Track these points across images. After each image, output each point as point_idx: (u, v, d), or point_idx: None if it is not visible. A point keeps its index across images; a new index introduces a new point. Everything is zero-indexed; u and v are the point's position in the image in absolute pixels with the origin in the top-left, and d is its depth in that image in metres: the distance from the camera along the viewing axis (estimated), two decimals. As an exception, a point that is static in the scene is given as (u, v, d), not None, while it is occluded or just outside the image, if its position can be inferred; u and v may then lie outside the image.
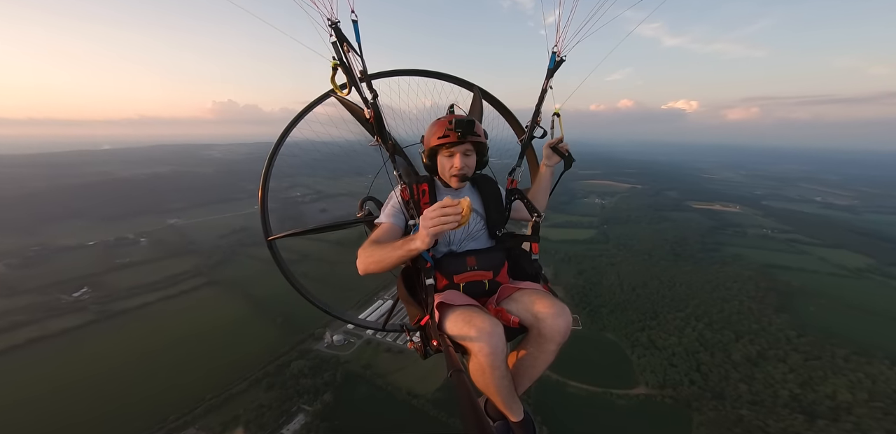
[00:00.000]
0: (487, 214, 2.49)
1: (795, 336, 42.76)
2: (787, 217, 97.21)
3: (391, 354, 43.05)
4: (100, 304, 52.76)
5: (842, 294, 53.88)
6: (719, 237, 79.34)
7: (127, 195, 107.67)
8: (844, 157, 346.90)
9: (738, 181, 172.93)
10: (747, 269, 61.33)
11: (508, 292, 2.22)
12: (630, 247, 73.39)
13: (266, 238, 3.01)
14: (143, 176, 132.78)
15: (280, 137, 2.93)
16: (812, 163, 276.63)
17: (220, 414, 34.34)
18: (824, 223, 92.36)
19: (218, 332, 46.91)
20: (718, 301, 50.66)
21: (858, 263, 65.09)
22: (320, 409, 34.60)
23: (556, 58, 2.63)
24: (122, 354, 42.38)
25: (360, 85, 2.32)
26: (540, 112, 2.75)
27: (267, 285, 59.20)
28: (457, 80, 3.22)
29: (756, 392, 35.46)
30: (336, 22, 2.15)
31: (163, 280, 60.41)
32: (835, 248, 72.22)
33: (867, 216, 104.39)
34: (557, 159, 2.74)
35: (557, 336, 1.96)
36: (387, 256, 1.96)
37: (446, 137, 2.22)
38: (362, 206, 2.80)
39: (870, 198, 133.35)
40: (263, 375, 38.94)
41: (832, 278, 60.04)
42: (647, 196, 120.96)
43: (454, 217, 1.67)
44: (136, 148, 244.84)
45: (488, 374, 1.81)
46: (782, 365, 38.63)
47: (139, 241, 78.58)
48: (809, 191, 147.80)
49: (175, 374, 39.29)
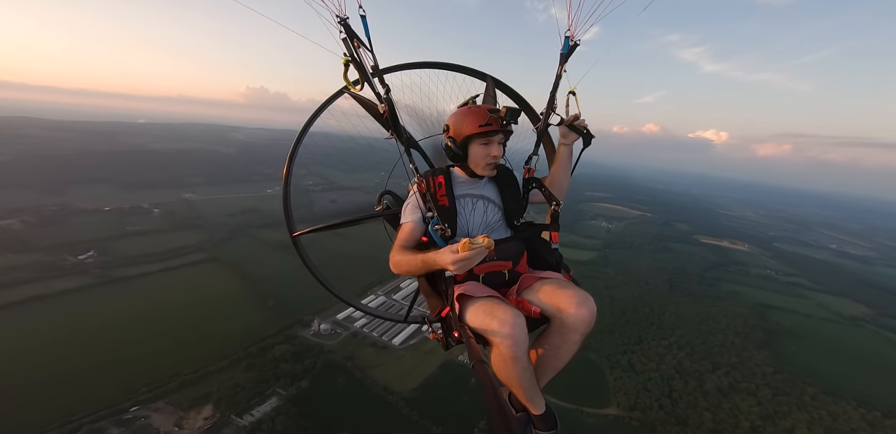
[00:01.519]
0: (505, 205, 2.46)
1: (771, 372, 43.20)
2: (795, 261, 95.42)
3: (375, 349, 44.10)
4: (101, 269, 55.12)
5: (828, 338, 53.91)
6: (720, 273, 78.64)
7: (151, 166, 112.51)
8: (872, 207, 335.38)
9: (754, 220, 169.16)
10: (740, 306, 61.04)
11: (529, 282, 2.19)
12: (628, 273, 73.27)
13: (291, 234, 3.03)
14: (170, 150, 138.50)
15: (298, 136, 2.97)
16: (837, 209, 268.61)
17: (193, 389, 35.32)
18: (832, 270, 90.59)
19: (208, 308, 48.41)
20: (704, 333, 50.78)
21: (855, 312, 64.37)
22: (295, 394, 35.61)
23: (569, 42, 2.59)
24: (111, 321, 43.98)
25: (373, 80, 2.32)
26: (555, 98, 2.68)
27: (265, 267, 61.27)
28: (469, 71, 3.16)
29: (719, 421, 35.91)
30: (345, 18, 2.17)
31: (166, 252, 62.81)
32: (835, 296, 71.09)
33: (880, 269, 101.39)
34: (575, 137, 2.61)
35: (581, 326, 1.91)
36: (414, 269, 2.06)
37: (488, 125, 2.22)
38: (380, 200, 2.79)
39: (888, 250, 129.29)
40: (245, 356, 40.17)
41: (823, 323, 59.79)
42: (656, 225, 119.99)
43: (480, 258, 1.75)
44: (169, 124, 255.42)
45: (510, 365, 1.78)
46: (751, 398, 39.13)
47: (152, 211, 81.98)
48: (826, 237, 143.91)
49: (158, 345, 40.52)
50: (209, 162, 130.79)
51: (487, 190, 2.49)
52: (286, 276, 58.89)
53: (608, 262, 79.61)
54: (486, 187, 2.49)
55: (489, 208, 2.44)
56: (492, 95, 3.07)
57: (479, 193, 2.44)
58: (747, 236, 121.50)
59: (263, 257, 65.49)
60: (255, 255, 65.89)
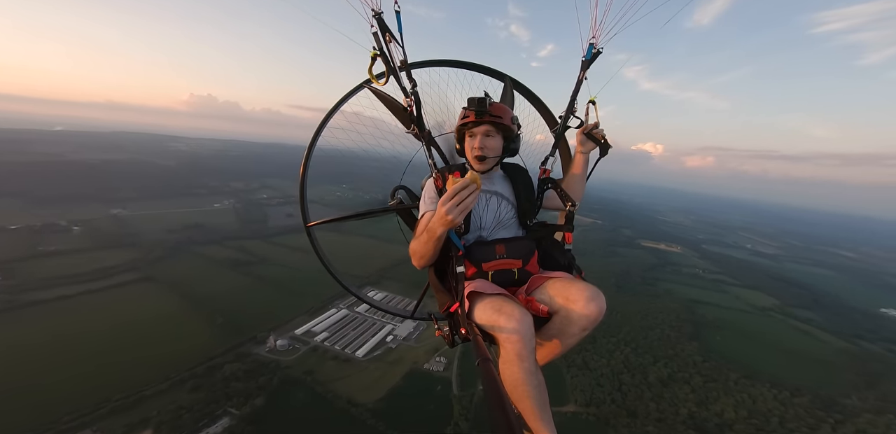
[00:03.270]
0: (518, 203, 2.46)
1: (701, 361, 47.91)
2: (719, 260, 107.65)
3: (337, 362, 42.62)
4: (8, 294, 48.20)
5: (744, 328, 60.83)
6: (658, 273, 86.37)
7: (70, 179, 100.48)
8: (781, 212, 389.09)
9: (686, 225, 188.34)
10: (674, 302, 67.53)
11: (539, 282, 2.18)
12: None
13: (305, 224, 3.02)
14: (95, 161, 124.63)
15: (319, 126, 2.94)
16: (753, 214, 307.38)
17: (126, 415, 32.18)
18: (748, 267, 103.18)
19: (141, 330, 44.19)
20: (645, 329, 55.34)
21: (765, 303, 73.50)
22: (249, 412, 33.49)
23: (592, 49, 2.62)
24: (22, 348, 38.85)
25: (400, 74, 2.34)
26: (575, 102, 2.73)
27: (212, 284, 57.00)
28: (488, 71, 3.21)
29: (662, 410, 38.94)
30: (380, 12, 2.20)
31: (90, 272, 56.34)
32: (751, 289, 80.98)
33: (786, 264, 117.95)
34: (592, 146, 2.66)
35: (584, 320, 1.89)
36: (424, 247, 2.03)
37: (466, 118, 2.29)
38: (394, 194, 2.79)
39: (793, 249, 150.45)
40: (189, 377, 37.15)
41: (741, 314, 67.38)
42: (606, 232, 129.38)
43: (469, 192, 1.69)
44: (94, 132, 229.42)
45: (516, 365, 1.73)
46: (686, 386, 42.98)
47: (71, 229, 73.08)
48: (744, 239, 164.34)
49: (79, 371, 36.44)
50: (143, 174, 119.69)
51: (501, 186, 2.50)
52: (235, 294, 55.21)
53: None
54: (499, 184, 2.51)
55: (502, 205, 2.43)
56: (510, 97, 3.10)
57: (492, 189, 2.45)
58: (680, 239, 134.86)
59: (209, 275, 60.84)
60: (199, 273, 60.96)
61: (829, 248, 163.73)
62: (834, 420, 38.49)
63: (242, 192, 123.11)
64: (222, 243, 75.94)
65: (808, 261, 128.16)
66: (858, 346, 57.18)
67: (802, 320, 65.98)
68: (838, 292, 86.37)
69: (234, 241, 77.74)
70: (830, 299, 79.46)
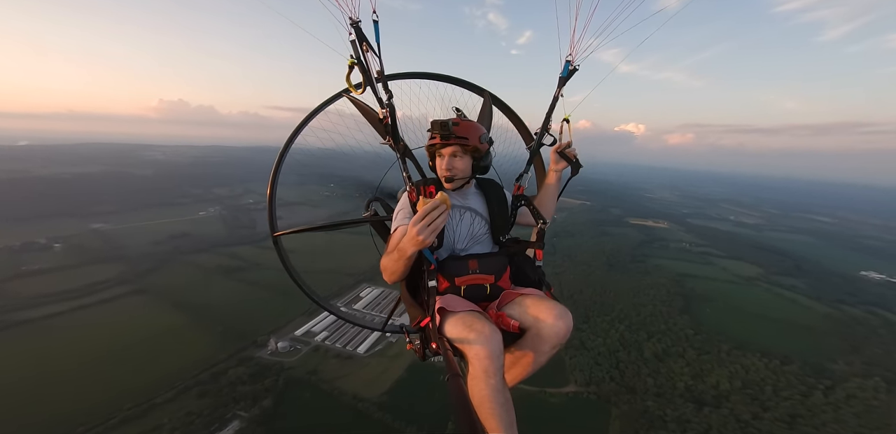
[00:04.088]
0: (492, 219, 2.48)
1: (693, 334, 49.45)
2: (704, 233, 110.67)
3: (339, 360, 43.10)
4: (-2, 315, 47.04)
5: (731, 298, 62.81)
6: (646, 250, 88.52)
7: (43, 196, 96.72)
8: (759, 183, 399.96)
9: (671, 201, 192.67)
10: (663, 277, 69.33)
11: (510, 298, 2.21)
12: (573, 258, 79.38)
13: (272, 234, 2.99)
14: (66, 175, 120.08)
15: (292, 134, 2.90)
16: (733, 186, 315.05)
17: (139, 423, 32.52)
18: (732, 238, 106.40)
19: (142, 342, 43.90)
20: (638, 306, 56.88)
21: (751, 273, 76.05)
22: (258, 414, 34.01)
23: (569, 66, 2.65)
24: (19, 367, 38.40)
25: (377, 85, 2.32)
26: (550, 119, 2.74)
27: (206, 292, 56.46)
28: (468, 85, 3.24)
29: (660, 385, 40.29)
30: (357, 21, 2.18)
31: (79, 288, 55.16)
32: (735, 260, 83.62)
33: (768, 233, 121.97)
34: (565, 164, 2.69)
35: (554, 338, 1.95)
36: (395, 264, 2.02)
37: (433, 139, 2.31)
38: (368, 206, 2.76)
39: (773, 218, 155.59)
40: (195, 384, 37.27)
41: (727, 285, 69.56)
42: (595, 212, 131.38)
43: (439, 212, 1.73)
44: (61, 145, 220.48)
45: (483, 381, 1.74)
46: (681, 360, 44.39)
47: (52, 247, 70.90)
48: (727, 210, 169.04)
49: (86, 385, 36.37)
50: (120, 186, 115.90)
51: (475, 202, 2.51)
52: (231, 299, 54.86)
53: (556, 251, 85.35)
54: (473, 199, 2.52)
55: (476, 220, 2.45)
56: (488, 111, 3.11)
57: (466, 205, 2.47)
58: (667, 215, 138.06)
59: (202, 283, 60.17)
60: (191, 282, 60.21)
61: (806, 214, 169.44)
62: (824, 386, 39.53)
63: (227, 198, 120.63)
64: (212, 251, 74.70)
65: (787, 228, 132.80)
66: (841, 311, 58.97)
67: (786, 288, 68.14)
68: (818, 258, 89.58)
69: (223, 247, 76.50)
70: (812, 265, 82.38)
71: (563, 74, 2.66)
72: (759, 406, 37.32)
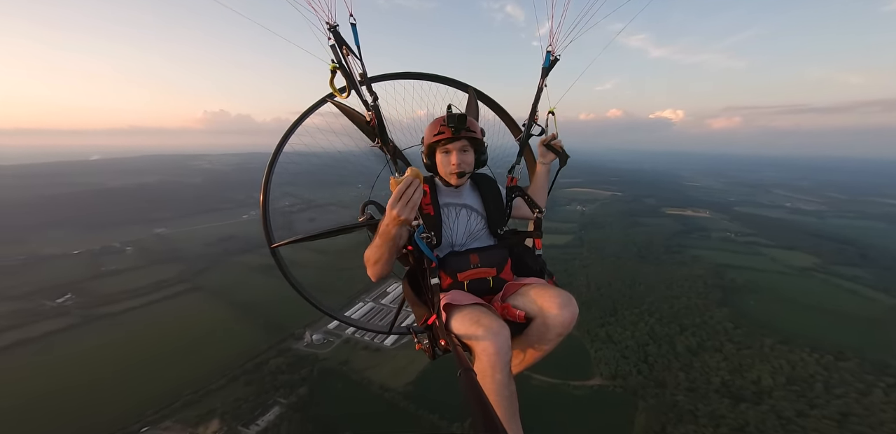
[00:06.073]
0: (488, 213, 2.49)
1: (732, 327, 46.64)
2: (752, 221, 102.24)
3: (368, 352, 45.74)
4: (83, 309, 54.43)
5: (780, 290, 58.01)
6: (683, 240, 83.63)
7: (114, 205, 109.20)
8: (819, 164, 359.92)
9: (717, 188, 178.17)
10: (701, 268, 65.50)
11: (514, 289, 2.22)
12: (602, 250, 77.15)
13: (269, 246, 2.95)
14: (131, 186, 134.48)
15: (278, 145, 2.89)
16: (788, 170, 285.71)
17: (196, 407, 36.62)
18: (787, 227, 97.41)
19: (199, 334, 48.98)
20: (670, 298, 54.37)
21: (806, 263, 69.65)
22: (295, 401, 37.12)
23: (550, 57, 2.69)
24: (103, 355, 44.25)
25: (361, 88, 2.30)
26: (537, 110, 2.75)
27: (250, 289, 61.62)
28: (452, 82, 3.22)
29: (692, 380, 38.75)
30: (335, 25, 2.16)
31: (147, 286, 62.18)
32: (788, 250, 76.86)
33: (831, 220, 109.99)
34: (553, 157, 2.74)
35: (560, 326, 1.97)
36: (376, 253, 2.01)
37: (441, 134, 2.26)
38: (364, 210, 2.64)
39: (837, 203, 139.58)
40: (242, 373, 41.22)
41: (776, 276, 64.33)
42: (626, 203, 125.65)
43: (414, 188, 1.76)
44: (125, 158, 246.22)
45: (489, 376, 1.75)
46: (718, 354, 42.23)
47: (125, 250, 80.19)
48: (781, 197, 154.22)
49: (155, 373, 41.29)
50: (175, 194, 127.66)
51: (470, 199, 2.54)
52: (271, 296, 59.35)
53: (583, 243, 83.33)
54: (468, 196, 2.55)
55: (472, 217, 2.47)
56: (474, 107, 3.07)
57: (461, 202, 2.50)
58: (709, 204, 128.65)
59: (247, 280, 65.64)
60: (238, 280, 65.94)
61: (875, 198, 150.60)
62: (885, 384, 36.45)
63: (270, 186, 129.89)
64: (254, 251, 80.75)
65: (853, 213, 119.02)
66: (912, 303, 52.74)
67: (847, 278, 62.08)
68: (888, 245, 79.91)
69: (265, 248, 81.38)
70: (879, 253, 73.82)
71: (545, 65, 2.72)
72: (807, 403, 34.90)
